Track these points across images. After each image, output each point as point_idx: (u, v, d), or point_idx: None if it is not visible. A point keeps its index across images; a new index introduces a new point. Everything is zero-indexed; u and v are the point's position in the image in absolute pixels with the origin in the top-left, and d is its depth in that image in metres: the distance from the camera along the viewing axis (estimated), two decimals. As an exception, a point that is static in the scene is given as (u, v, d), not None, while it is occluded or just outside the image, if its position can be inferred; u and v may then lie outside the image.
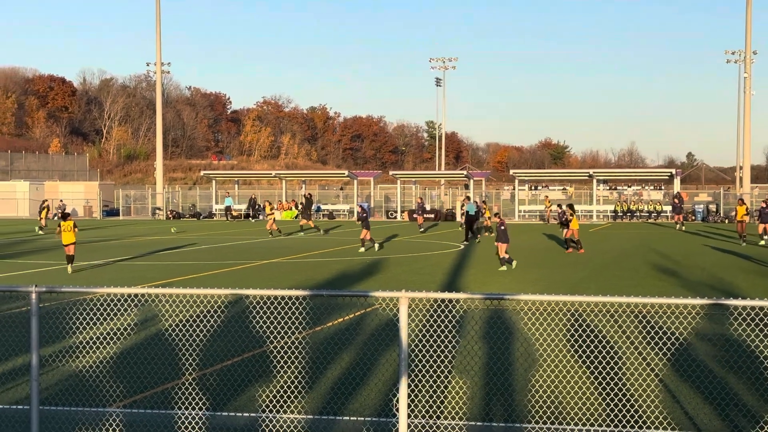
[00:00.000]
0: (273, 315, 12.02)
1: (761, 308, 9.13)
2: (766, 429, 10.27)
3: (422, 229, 54.12)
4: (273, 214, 50.78)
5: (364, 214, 38.82)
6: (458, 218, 66.59)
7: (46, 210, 60.33)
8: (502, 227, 30.36)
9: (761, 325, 13.48)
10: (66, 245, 29.33)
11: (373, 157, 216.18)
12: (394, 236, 49.67)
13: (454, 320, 16.44)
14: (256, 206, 75.82)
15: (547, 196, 73.96)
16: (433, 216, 70.87)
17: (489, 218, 50.51)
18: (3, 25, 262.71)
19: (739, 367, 13.70)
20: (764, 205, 41.81)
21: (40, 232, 54.97)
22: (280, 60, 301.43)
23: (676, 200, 58.23)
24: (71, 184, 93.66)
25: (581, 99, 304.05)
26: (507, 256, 29.83)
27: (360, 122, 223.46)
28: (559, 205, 47.14)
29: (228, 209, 76.10)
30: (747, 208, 44.41)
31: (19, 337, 16.04)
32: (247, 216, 76.18)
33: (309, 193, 77.26)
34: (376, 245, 38.36)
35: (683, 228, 55.22)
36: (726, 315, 17.32)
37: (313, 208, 75.35)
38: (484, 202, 58.54)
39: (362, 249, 37.41)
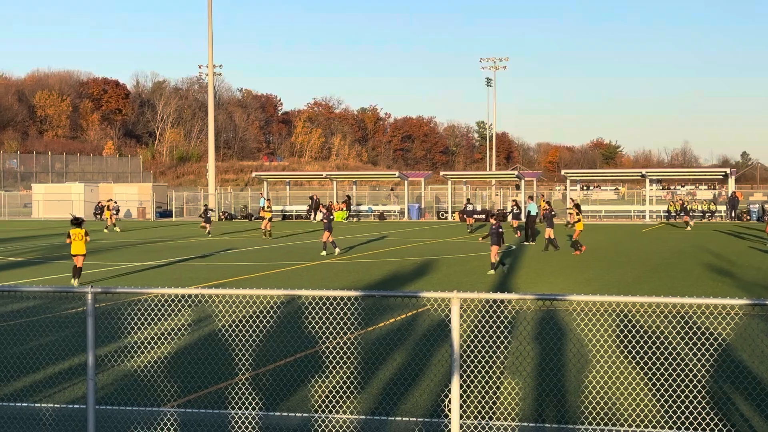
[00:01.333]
0: (325, 315, 12.08)
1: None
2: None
3: (469, 229, 53.96)
4: (270, 213, 51.14)
5: (331, 217, 37.57)
6: (509, 219, 66.29)
7: (105, 210, 61.52)
8: (500, 230, 29.02)
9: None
10: (74, 255, 25.84)
11: (423, 158, 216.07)
12: (383, 237, 49.56)
13: (506, 321, 16.38)
14: (317, 206, 75.89)
15: (514, 200, 64.83)
16: (483, 216, 70.62)
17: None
18: (58, 30, 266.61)
19: (796, 369, 13.51)
20: None
21: (105, 230, 55.80)
22: (331, 61, 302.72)
23: (681, 200, 61.82)
24: (125, 186, 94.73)
25: (634, 98, 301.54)
26: (498, 258, 29.00)
27: (410, 123, 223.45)
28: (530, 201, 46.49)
29: (261, 209, 76.24)
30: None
31: (75, 337, 16.27)
32: (307, 216, 76.50)
33: (347, 195, 77.51)
34: (337, 249, 36.81)
35: (690, 227, 57.68)
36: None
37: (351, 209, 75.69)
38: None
39: (323, 252, 36.42)
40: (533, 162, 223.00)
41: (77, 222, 26.00)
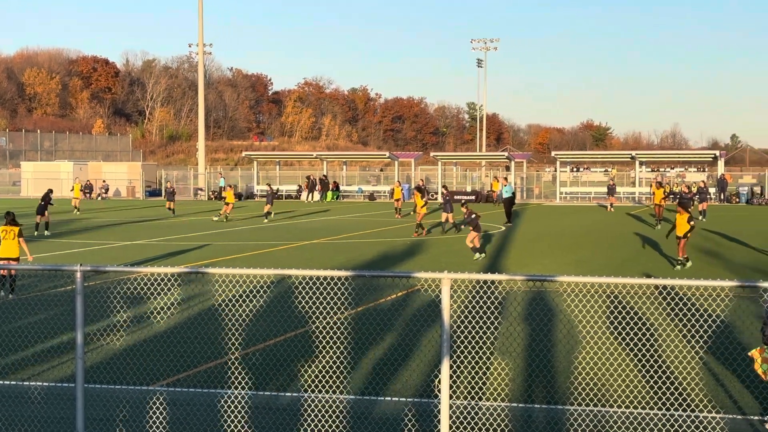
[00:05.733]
0: (316, 295, 12.06)
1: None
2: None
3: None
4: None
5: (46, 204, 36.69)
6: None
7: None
8: (473, 216, 27.75)
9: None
10: (3, 259, 19.22)
11: (413, 139, 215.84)
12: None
13: (496, 302, 16.39)
14: (314, 186, 75.83)
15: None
16: (474, 198, 70.72)
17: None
18: (47, 7, 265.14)
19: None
20: (686, 191, 44.30)
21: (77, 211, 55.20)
22: (321, 41, 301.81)
23: (612, 182, 61.26)
24: (114, 165, 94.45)
25: (624, 79, 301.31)
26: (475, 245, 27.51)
27: (401, 103, 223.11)
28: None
29: (221, 190, 76.26)
30: (665, 192, 45.90)
31: (64, 315, 16.22)
32: (297, 196, 76.68)
33: (324, 175, 77.59)
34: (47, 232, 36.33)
35: (612, 209, 56.94)
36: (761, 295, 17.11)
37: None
38: (421, 181, 55.60)
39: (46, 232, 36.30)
40: (523, 143, 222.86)
41: (10, 217, 19.72)
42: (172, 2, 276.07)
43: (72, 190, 59.99)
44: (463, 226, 30.08)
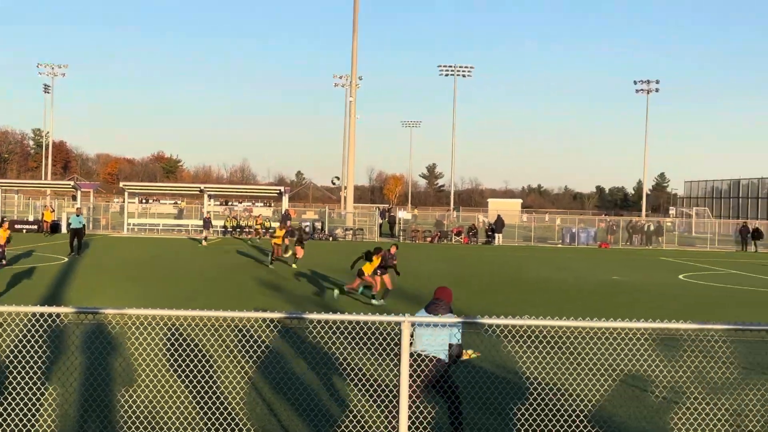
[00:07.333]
0: None
1: (327, 321, 9.56)
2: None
3: None
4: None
5: None
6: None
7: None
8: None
9: (333, 335, 14.19)
10: None
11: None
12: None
13: (45, 335, 15.87)
14: None
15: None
16: (36, 227, 68.04)
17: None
18: None
19: (326, 377, 14.42)
20: (304, 228, 44.84)
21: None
22: None
23: (208, 215, 62.76)
24: None
25: (196, 113, 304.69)
26: None
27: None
28: None
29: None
30: (286, 231, 44.46)
31: None
32: None
33: None
34: None
35: (205, 243, 58.08)
36: (308, 326, 18.12)
37: None
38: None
39: None
40: (92, 173, 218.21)
41: None
42: None
43: None
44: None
